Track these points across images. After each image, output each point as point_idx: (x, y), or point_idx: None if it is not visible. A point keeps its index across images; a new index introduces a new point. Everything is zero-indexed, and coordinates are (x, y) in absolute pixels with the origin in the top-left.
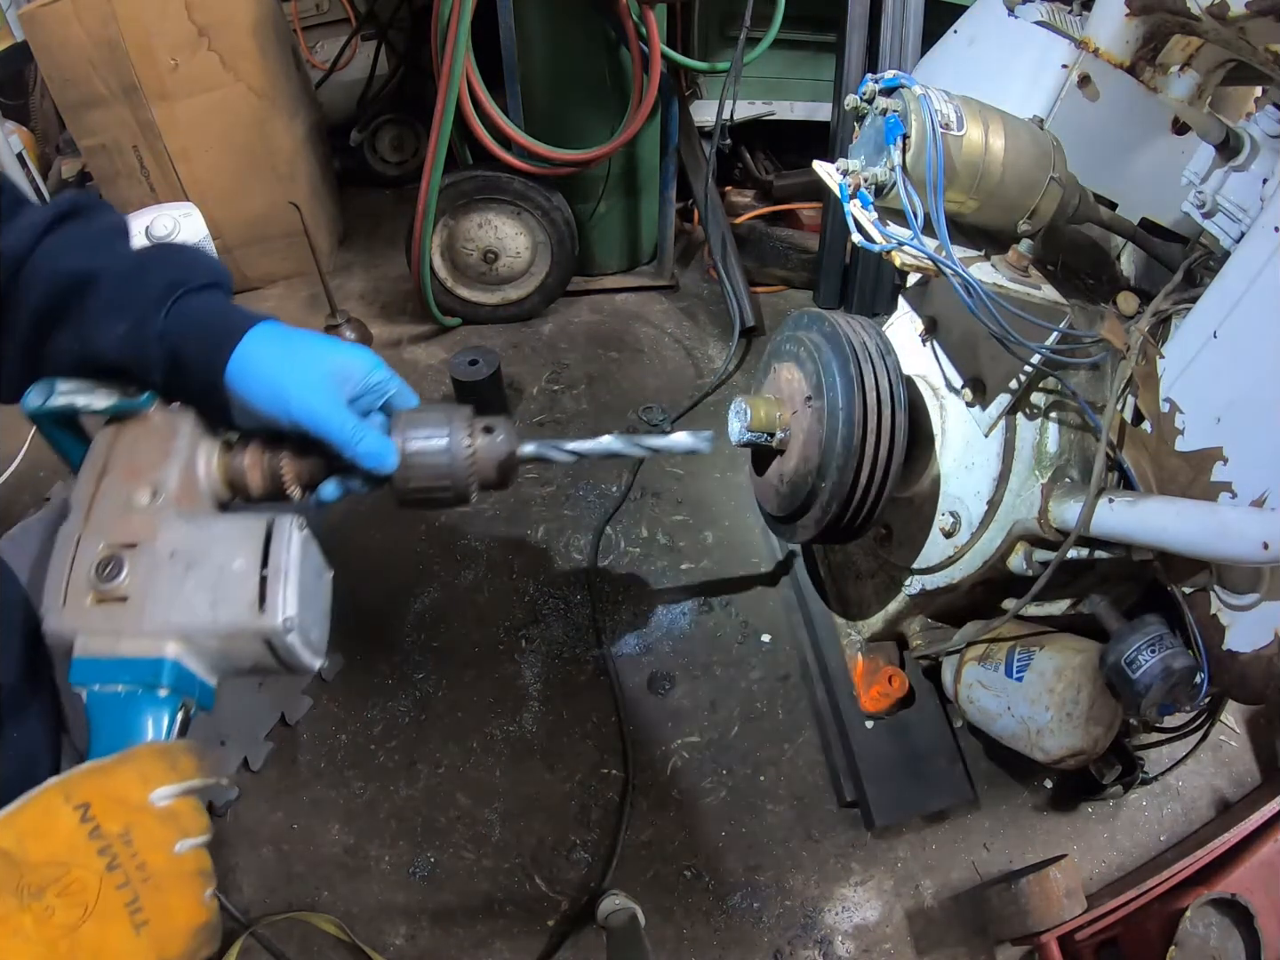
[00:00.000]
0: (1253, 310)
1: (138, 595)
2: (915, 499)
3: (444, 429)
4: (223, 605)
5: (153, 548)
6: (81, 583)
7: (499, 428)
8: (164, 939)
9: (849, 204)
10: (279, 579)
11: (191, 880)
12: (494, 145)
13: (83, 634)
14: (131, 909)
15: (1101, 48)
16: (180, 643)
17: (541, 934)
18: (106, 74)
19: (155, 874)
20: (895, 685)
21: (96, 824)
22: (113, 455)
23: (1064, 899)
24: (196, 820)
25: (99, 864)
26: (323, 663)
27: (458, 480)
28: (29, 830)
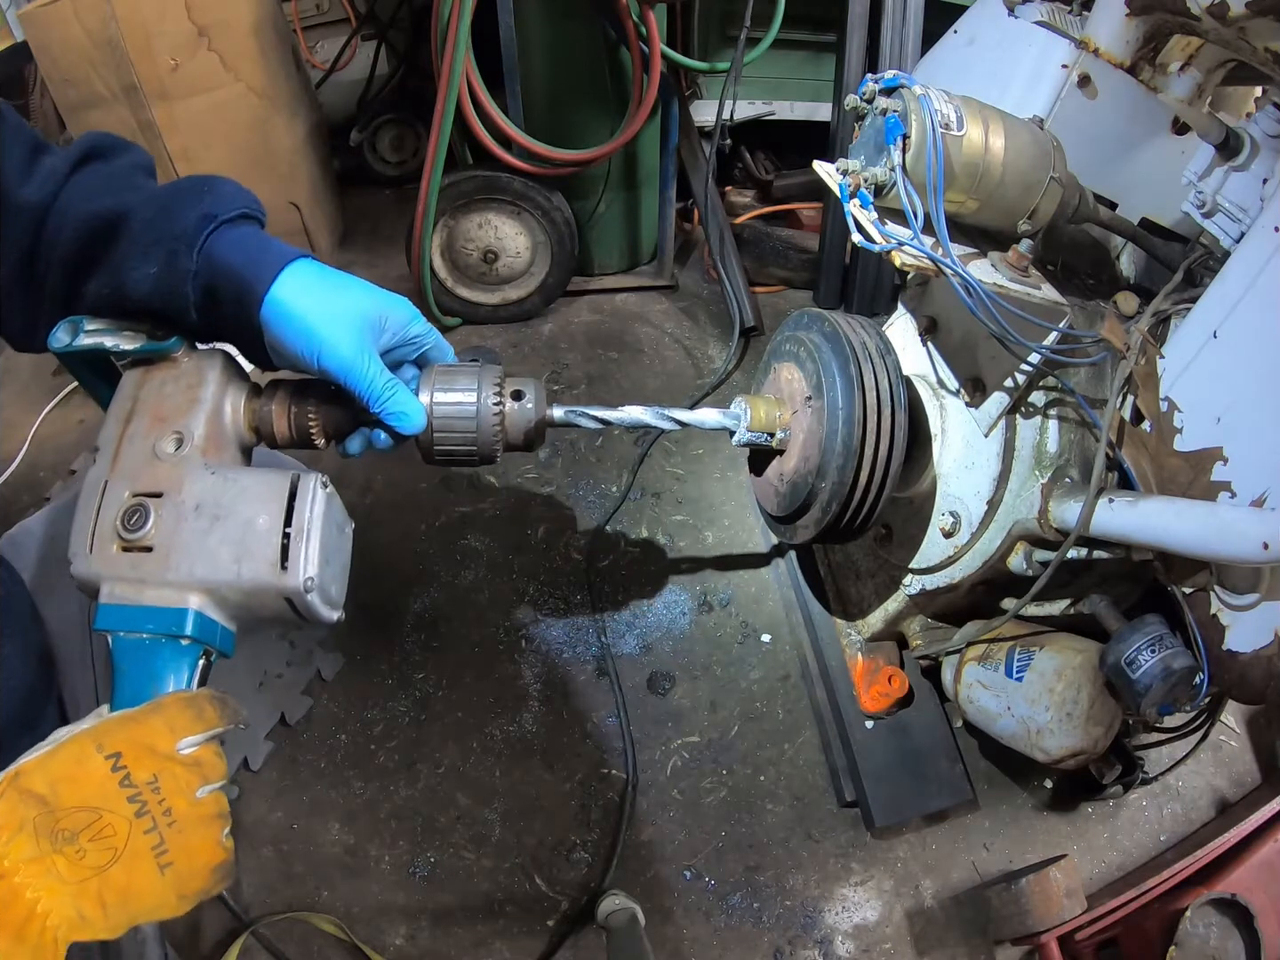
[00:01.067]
0: (1253, 310)
1: (163, 546)
2: (915, 499)
3: (473, 391)
4: (246, 561)
5: (179, 499)
6: (108, 530)
7: (529, 392)
8: (185, 877)
9: (849, 204)
10: (301, 539)
11: (211, 823)
12: (494, 145)
13: (109, 580)
14: (157, 851)
15: (1101, 48)
16: (203, 594)
17: (541, 934)
18: (106, 74)
19: (179, 818)
20: (895, 685)
21: (127, 772)
22: (139, 399)
23: (1064, 899)
24: (217, 766)
25: (129, 810)
26: (340, 615)
27: (484, 442)
28: (61, 776)
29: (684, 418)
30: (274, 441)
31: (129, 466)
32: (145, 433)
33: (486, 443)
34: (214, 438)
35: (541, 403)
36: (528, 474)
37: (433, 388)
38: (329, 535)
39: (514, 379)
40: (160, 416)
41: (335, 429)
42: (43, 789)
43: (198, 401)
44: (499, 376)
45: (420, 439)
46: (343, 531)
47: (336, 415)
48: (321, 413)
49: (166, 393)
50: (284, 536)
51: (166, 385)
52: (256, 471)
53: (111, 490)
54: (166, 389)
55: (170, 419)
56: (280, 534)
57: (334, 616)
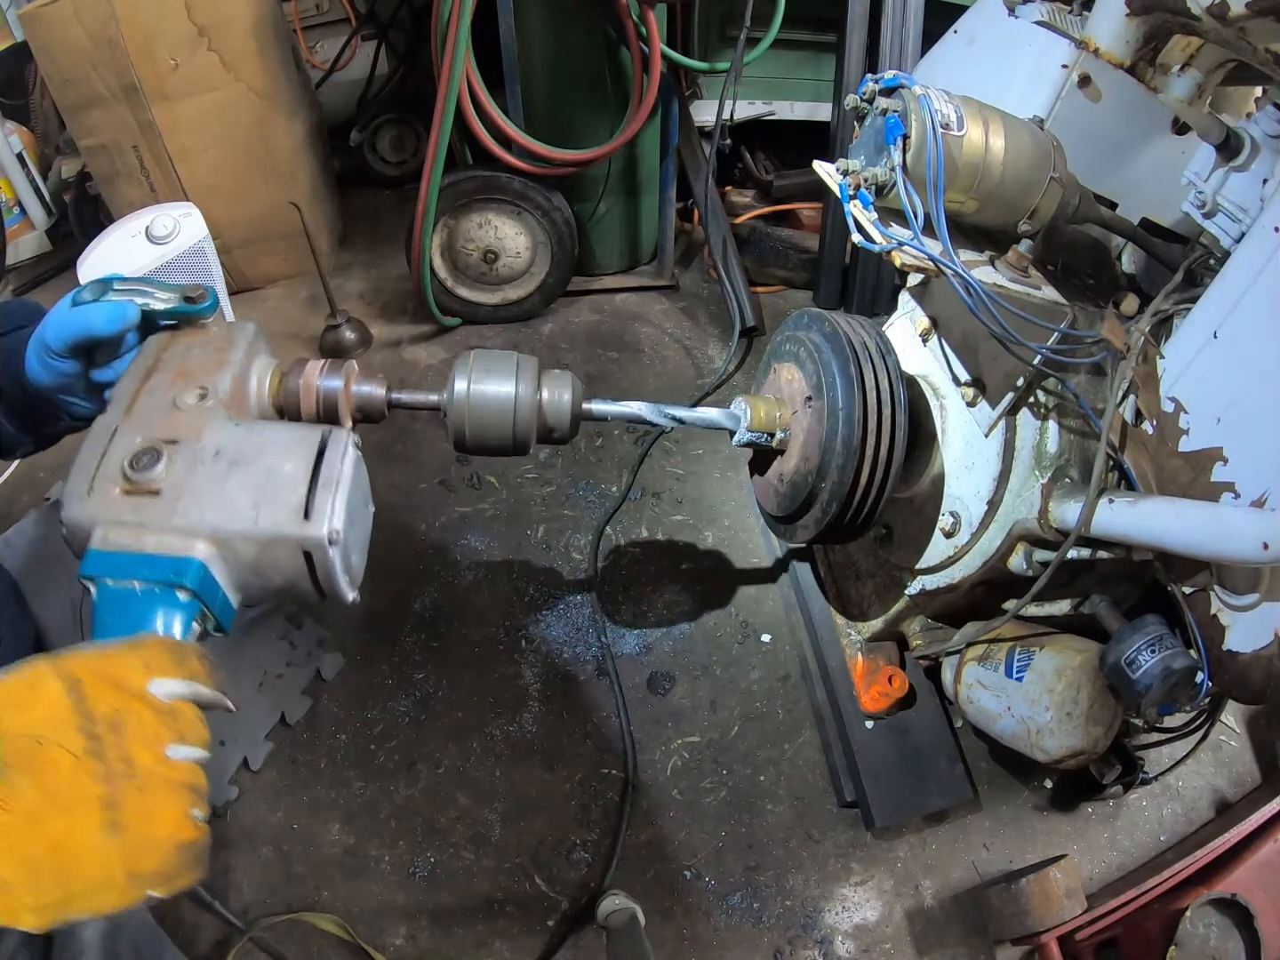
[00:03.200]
0: (1253, 310)
1: (172, 490)
2: (915, 499)
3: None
4: (266, 507)
5: (196, 444)
6: (112, 472)
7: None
8: (138, 848)
9: (849, 204)
10: (329, 488)
11: (180, 791)
12: (494, 145)
13: (103, 525)
14: (105, 803)
15: (1101, 48)
16: (212, 544)
17: (541, 934)
18: (106, 74)
19: (141, 773)
20: (895, 685)
21: (85, 700)
22: (164, 357)
23: (1064, 899)
24: (196, 729)
25: (77, 743)
26: (356, 596)
27: (520, 433)
28: (9, 700)
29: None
30: (298, 420)
31: (144, 415)
32: (167, 386)
33: (523, 433)
34: (238, 399)
35: (579, 395)
36: (528, 474)
37: (470, 374)
38: (355, 498)
39: (551, 370)
40: (184, 372)
41: (365, 410)
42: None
43: (226, 363)
44: (536, 366)
45: (453, 425)
46: (367, 505)
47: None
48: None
49: (193, 354)
50: (310, 485)
51: (194, 349)
52: (284, 424)
53: (121, 436)
54: (193, 351)
55: (195, 375)
56: (305, 482)
57: (350, 594)
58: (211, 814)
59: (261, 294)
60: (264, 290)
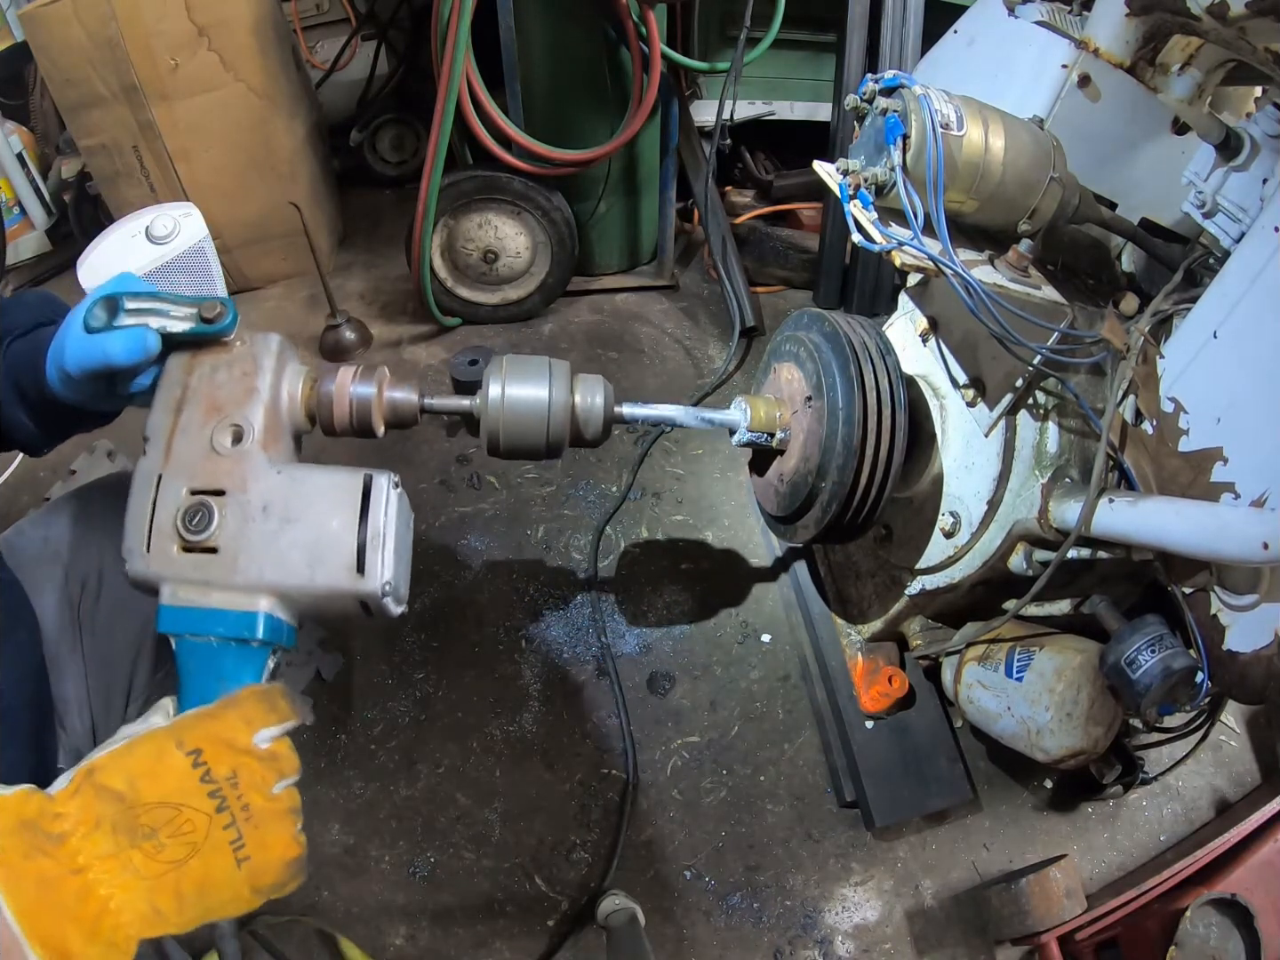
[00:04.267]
0: (1253, 310)
1: (230, 548)
2: (915, 499)
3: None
4: (320, 566)
5: (244, 498)
6: (167, 528)
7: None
8: (260, 872)
9: (849, 204)
10: (378, 543)
11: (286, 817)
12: (494, 145)
13: (171, 582)
14: (235, 846)
15: (1101, 48)
16: (273, 598)
17: (541, 934)
18: (106, 74)
19: (256, 813)
20: (895, 685)
21: (208, 768)
22: (190, 387)
23: (1064, 899)
24: (292, 760)
25: (210, 805)
26: (404, 609)
27: (554, 437)
28: (140, 772)
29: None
30: (331, 429)
31: (185, 460)
32: (200, 424)
33: (556, 437)
34: (272, 430)
35: (611, 397)
36: (528, 474)
37: (504, 379)
38: (401, 536)
39: (583, 374)
40: (215, 406)
41: (398, 416)
42: (120, 785)
43: (254, 392)
44: (569, 370)
45: (488, 430)
46: (409, 527)
47: (401, 400)
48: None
49: (219, 380)
50: (360, 541)
51: (219, 372)
52: (326, 470)
53: (168, 485)
54: (219, 376)
55: (225, 409)
56: (355, 537)
57: (399, 610)
58: None
59: (261, 294)
60: (264, 290)
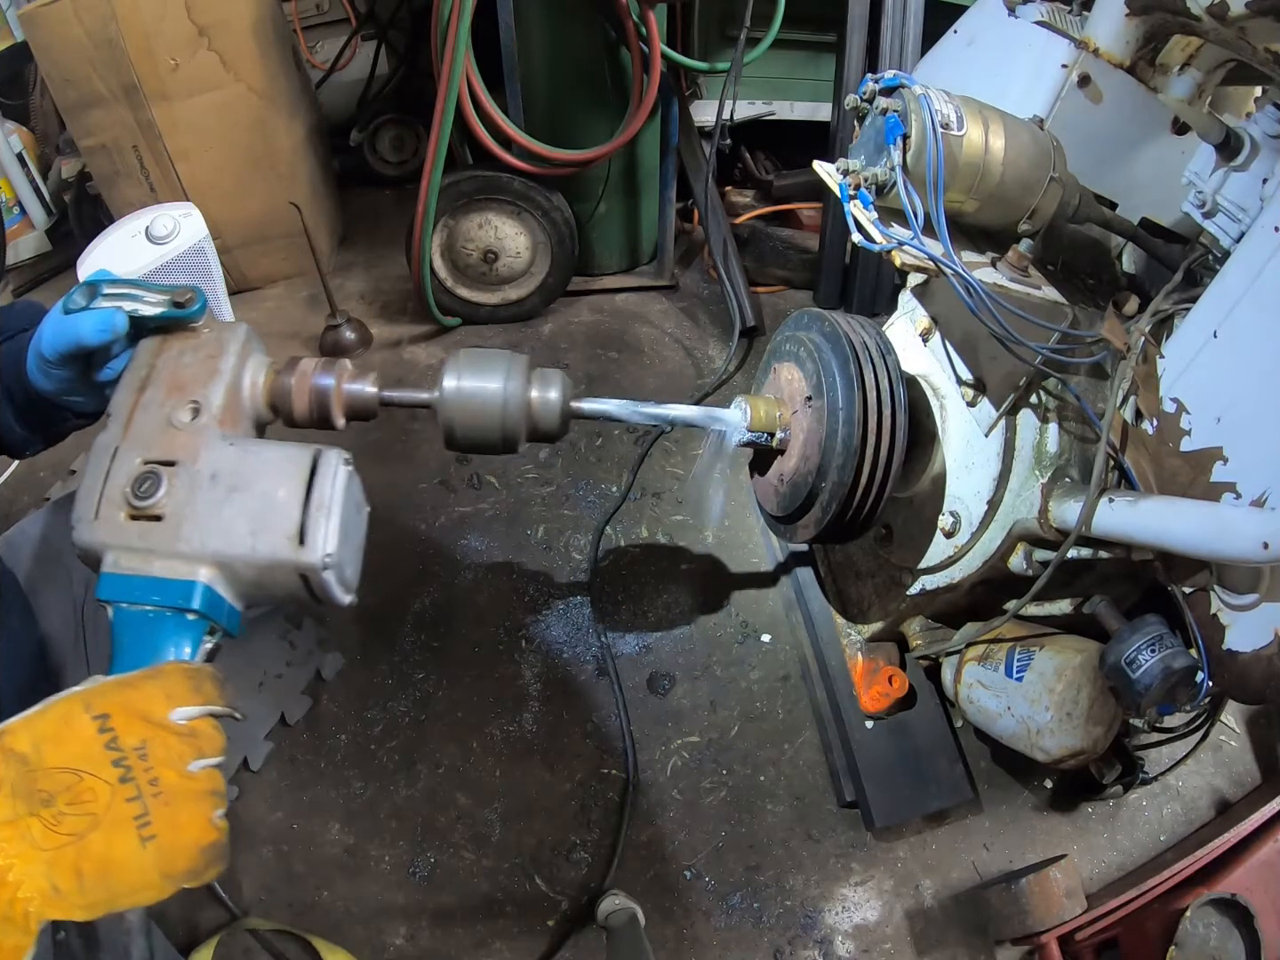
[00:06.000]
0: (1253, 310)
1: (174, 515)
2: (915, 499)
3: (500, 377)
4: (262, 534)
5: (194, 468)
6: (116, 496)
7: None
8: (170, 854)
9: (849, 204)
10: (322, 513)
11: (203, 799)
12: (494, 145)
13: (114, 549)
14: (140, 822)
15: (1101, 48)
16: (215, 567)
17: (541, 934)
18: (106, 74)
19: (167, 790)
20: (895, 685)
21: (114, 735)
22: (156, 367)
23: (1064, 899)
24: (214, 740)
25: (113, 774)
26: (353, 599)
27: (509, 429)
28: (47, 736)
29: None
30: (291, 419)
31: (142, 433)
32: (161, 401)
33: (512, 430)
34: (231, 409)
35: (568, 393)
36: (528, 474)
37: (460, 371)
38: (349, 513)
39: (541, 369)
40: (177, 385)
41: (357, 408)
42: (25, 748)
43: (217, 373)
44: (526, 364)
45: (444, 422)
46: (360, 512)
47: (360, 392)
48: (344, 390)
49: (185, 362)
50: (303, 511)
51: (185, 355)
52: (277, 444)
53: (122, 456)
54: (185, 358)
55: (187, 388)
56: (300, 508)
57: (347, 599)
58: None
59: (261, 294)
60: (264, 290)
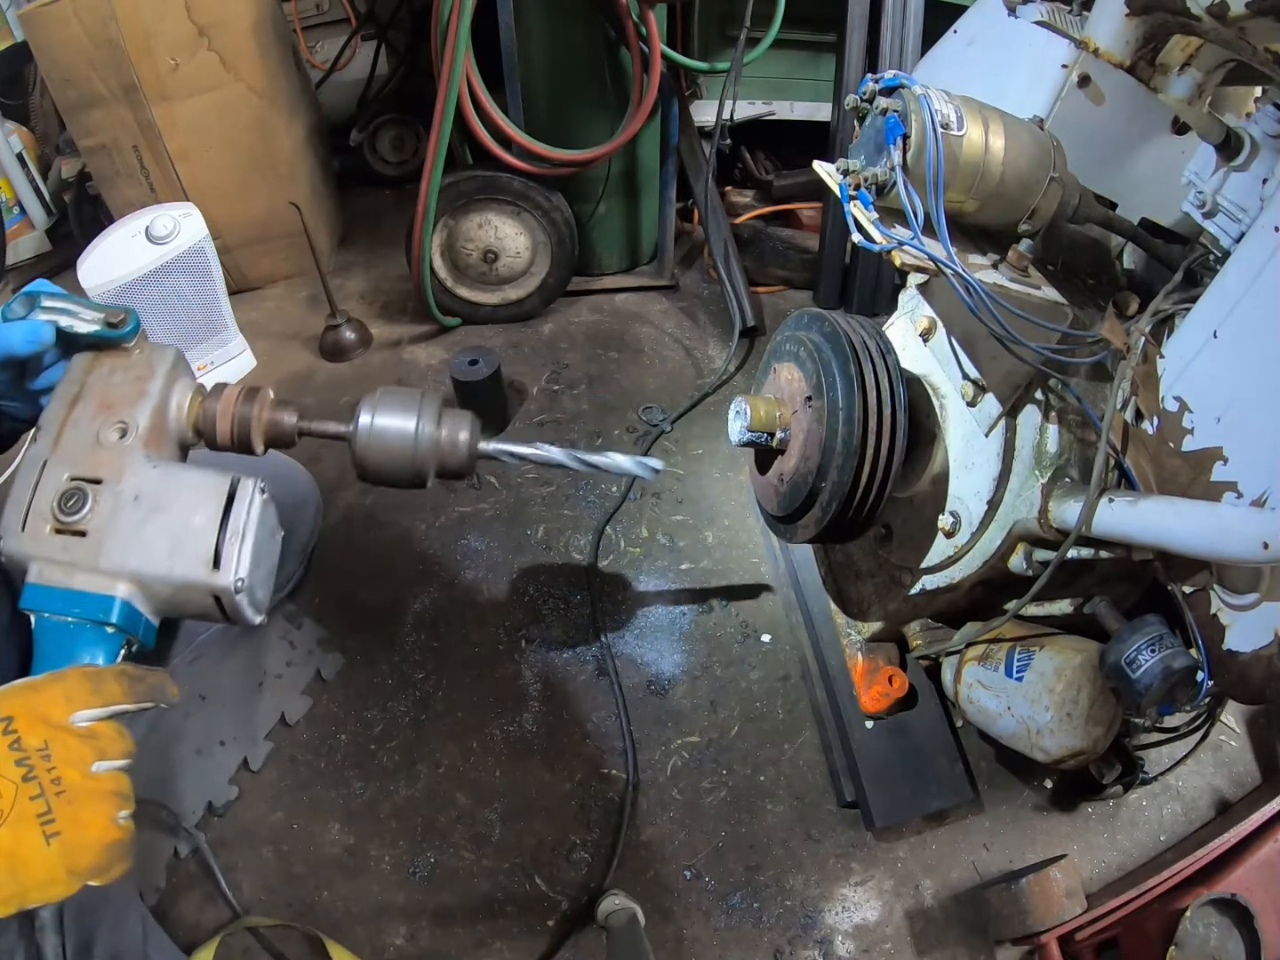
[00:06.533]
0: (1253, 310)
1: (97, 532)
2: (915, 499)
3: (413, 416)
4: (179, 557)
5: (118, 487)
6: (44, 509)
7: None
8: (74, 850)
9: (849, 204)
10: (235, 540)
11: (106, 799)
12: (494, 145)
13: (38, 561)
14: (43, 820)
15: (1101, 48)
16: (133, 584)
17: (541, 934)
18: (106, 74)
19: (70, 789)
20: (895, 685)
21: (17, 737)
22: (87, 384)
23: (1064, 899)
24: (116, 743)
25: (16, 774)
26: (263, 619)
27: (418, 464)
28: None
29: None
30: (214, 442)
31: (70, 449)
32: (90, 418)
33: (421, 467)
34: (157, 431)
35: (476, 434)
36: (528, 474)
37: (374, 409)
38: (262, 540)
39: (450, 409)
40: (107, 404)
41: (276, 436)
42: None
43: (145, 395)
44: (438, 405)
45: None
46: (274, 538)
47: (280, 420)
48: (266, 417)
49: (115, 381)
50: (218, 537)
51: (116, 374)
52: (198, 469)
53: (50, 470)
54: (115, 377)
55: (116, 407)
56: (215, 533)
57: (258, 619)
58: (209, 809)
59: (261, 294)
60: (264, 290)
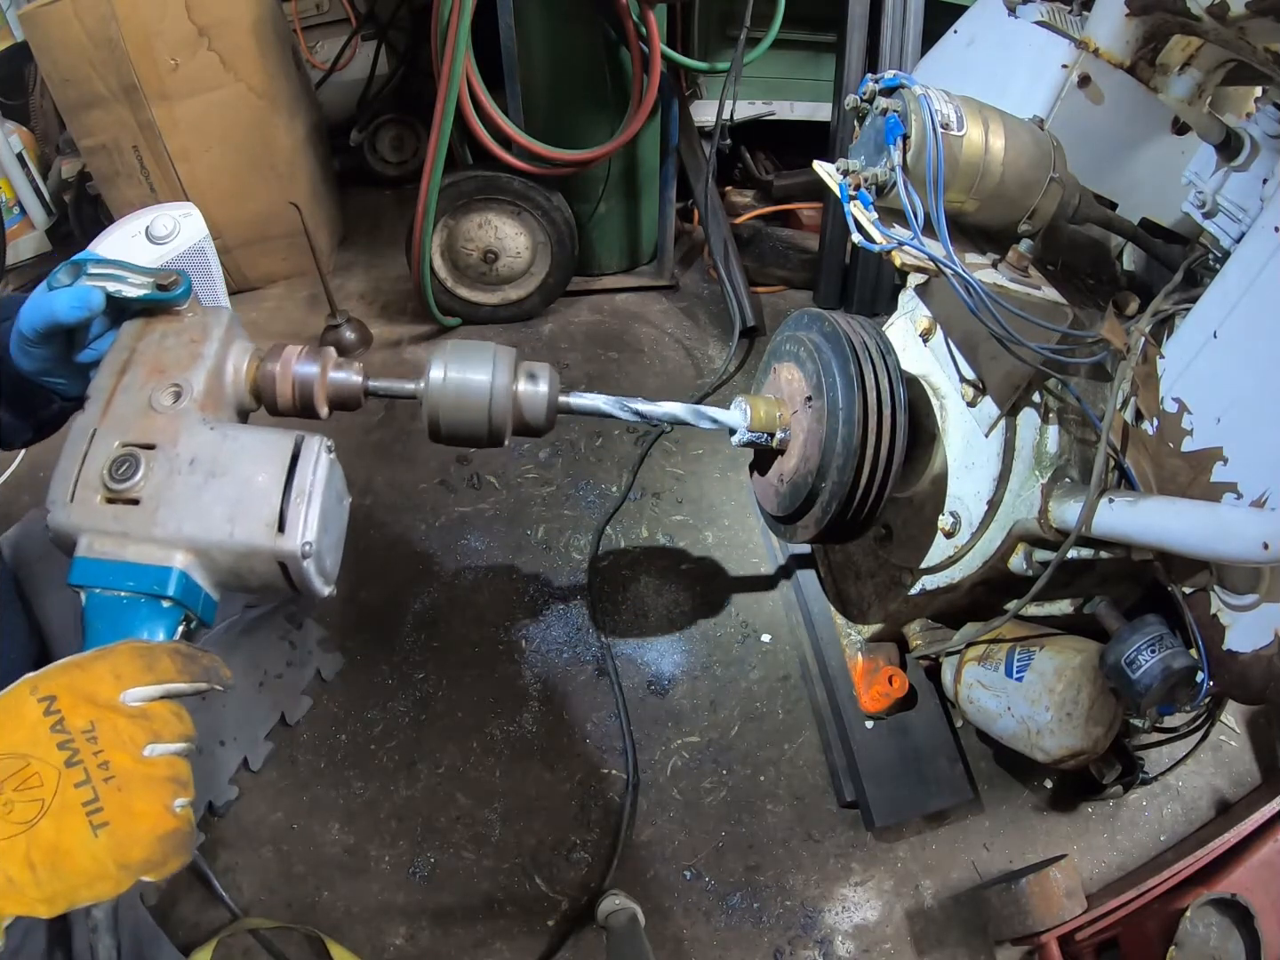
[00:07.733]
0: (1253, 310)
1: (151, 499)
2: (915, 499)
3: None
4: (240, 521)
5: (173, 452)
6: (93, 479)
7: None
8: (124, 843)
9: (849, 204)
10: (302, 501)
11: (159, 785)
12: (494, 145)
13: (88, 533)
14: (89, 809)
15: (1101, 48)
16: (191, 553)
17: (541, 934)
18: (106, 74)
19: (119, 774)
20: (895, 685)
21: (61, 717)
22: (137, 350)
23: (1064, 899)
24: (171, 725)
25: (58, 758)
26: (331, 590)
27: (496, 420)
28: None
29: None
30: (274, 407)
31: (121, 416)
32: (141, 383)
33: (498, 423)
34: (213, 394)
35: (556, 387)
36: (528, 474)
37: (446, 362)
38: (329, 502)
39: (528, 362)
40: (159, 368)
41: (342, 397)
42: None
43: (200, 357)
44: (514, 357)
45: (429, 413)
46: (341, 502)
47: (345, 381)
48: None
49: (167, 345)
50: (283, 498)
51: (168, 338)
52: (258, 430)
53: (100, 439)
54: (168, 341)
55: (169, 371)
56: (279, 494)
57: (326, 590)
58: (209, 809)
59: (261, 294)
60: (264, 290)
